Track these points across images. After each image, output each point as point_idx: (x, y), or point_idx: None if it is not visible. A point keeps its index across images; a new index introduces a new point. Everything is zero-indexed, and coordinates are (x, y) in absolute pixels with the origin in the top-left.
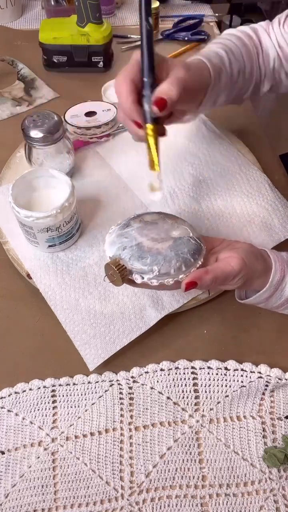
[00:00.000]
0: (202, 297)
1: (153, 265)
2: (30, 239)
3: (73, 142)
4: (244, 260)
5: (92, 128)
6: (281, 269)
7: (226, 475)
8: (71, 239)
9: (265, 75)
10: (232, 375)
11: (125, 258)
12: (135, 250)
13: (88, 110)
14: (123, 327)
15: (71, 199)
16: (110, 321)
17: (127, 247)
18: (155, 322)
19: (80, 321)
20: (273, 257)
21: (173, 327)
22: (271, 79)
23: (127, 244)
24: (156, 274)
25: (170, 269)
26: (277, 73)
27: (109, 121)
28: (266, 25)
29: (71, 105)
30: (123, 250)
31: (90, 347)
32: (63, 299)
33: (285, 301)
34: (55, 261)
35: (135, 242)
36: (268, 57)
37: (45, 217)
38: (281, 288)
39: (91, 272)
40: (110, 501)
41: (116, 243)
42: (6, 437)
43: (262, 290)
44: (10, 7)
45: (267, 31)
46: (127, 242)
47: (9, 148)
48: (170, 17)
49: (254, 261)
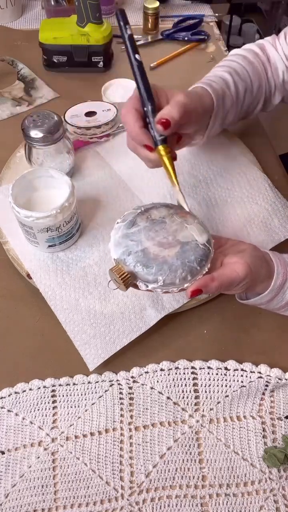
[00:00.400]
0: (203, 297)
1: (158, 275)
2: (30, 239)
3: (73, 142)
4: (250, 266)
5: (92, 128)
6: (283, 272)
7: (226, 475)
8: (71, 239)
9: (276, 88)
10: (232, 375)
11: (129, 265)
12: (141, 256)
13: (88, 110)
14: (123, 327)
15: (71, 199)
16: (110, 321)
17: (132, 253)
18: (155, 322)
19: (80, 321)
20: (275, 260)
21: (173, 327)
22: (281, 91)
23: (132, 249)
24: (161, 284)
25: (175, 279)
26: (287, 84)
27: (109, 121)
28: (273, 40)
29: (71, 105)
30: (128, 256)
31: (90, 347)
32: (63, 299)
33: (286, 303)
34: (55, 261)
35: (140, 247)
36: (277, 70)
37: (45, 217)
38: (282, 291)
39: (91, 272)
40: (110, 501)
41: (121, 245)
42: (6, 437)
43: (264, 293)
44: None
45: (274, 46)
46: (133, 247)
47: (9, 148)
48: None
49: (258, 266)
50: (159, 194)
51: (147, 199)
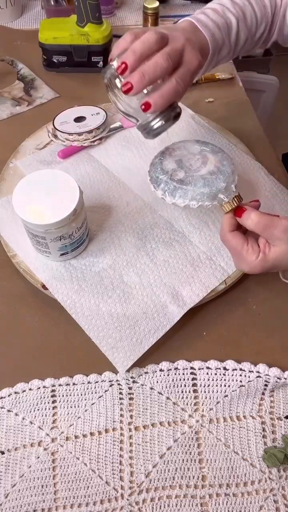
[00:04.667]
0: (220, 288)
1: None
2: (42, 249)
3: (67, 149)
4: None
5: (84, 133)
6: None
7: (226, 475)
8: (81, 245)
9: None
10: (231, 375)
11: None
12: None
13: (77, 116)
14: (148, 326)
15: (81, 203)
16: (134, 322)
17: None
18: (179, 318)
19: (104, 326)
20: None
21: (172, 328)
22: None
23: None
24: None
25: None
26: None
27: (100, 125)
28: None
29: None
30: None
31: (118, 351)
32: (83, 306)
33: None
34: (68, 269)
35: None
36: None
37: (58, 226)
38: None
39: (106, 276)
40: (110, 501)
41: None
42: (6, 437)
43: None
44: (10, 7)
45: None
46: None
47: (9, 148)
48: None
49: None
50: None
51: (149, 197)
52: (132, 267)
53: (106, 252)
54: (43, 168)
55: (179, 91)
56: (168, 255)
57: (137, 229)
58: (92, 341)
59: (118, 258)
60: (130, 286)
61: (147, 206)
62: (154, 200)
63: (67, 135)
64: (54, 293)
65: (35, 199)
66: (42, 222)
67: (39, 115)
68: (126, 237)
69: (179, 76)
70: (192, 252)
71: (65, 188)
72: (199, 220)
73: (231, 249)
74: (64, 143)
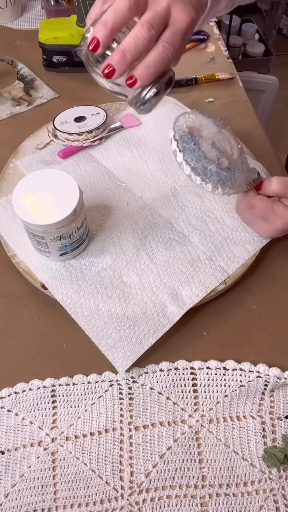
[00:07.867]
0: (220, 288)
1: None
2: (42, 249)
3: (67, 148)
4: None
5: (84, 133)
6: None
7: (226, 475)
8: (81, 245)
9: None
10: (231, 375)
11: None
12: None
13: (77, 116)
14: (148, 326)
15: (81, 203)
16: (134, 322)
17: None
18: (179, 318)
19: (104, 326)
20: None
21: (172, 327)
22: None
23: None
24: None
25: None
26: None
27: (100, 125)
28: None
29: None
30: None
31: (117, 351)
32: (82, 306)
33: None
34: (68, 269)
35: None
36: None
37: (59, 226)
38: None
39: (106, 276)
40: (110, 501)
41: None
42: (6, 437)
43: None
44: (10, 7)
45: None
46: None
47: (9, 148)
48: None
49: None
50: (160, 193)
51: (149, 198)
52: (132, 267)
53: (106, 252)
54: (43, 168)
55: (167, 58)
56: (168, 255)
57: (137, 229)
58: (92, 341)
59: (118, 258)
60: (129, 286)
61: (147, 206)
62: (154, 200)
63: (67, 135)
64: (54, 293)
65: (35, 199)
66: (42, 222)
67: (39, 115)
68: (126, 237)
69: (165, 39)
70: (192, 252)
71: (65, 188)
72: (199, 220)
73: (261, 210)
74: (64, 143)
